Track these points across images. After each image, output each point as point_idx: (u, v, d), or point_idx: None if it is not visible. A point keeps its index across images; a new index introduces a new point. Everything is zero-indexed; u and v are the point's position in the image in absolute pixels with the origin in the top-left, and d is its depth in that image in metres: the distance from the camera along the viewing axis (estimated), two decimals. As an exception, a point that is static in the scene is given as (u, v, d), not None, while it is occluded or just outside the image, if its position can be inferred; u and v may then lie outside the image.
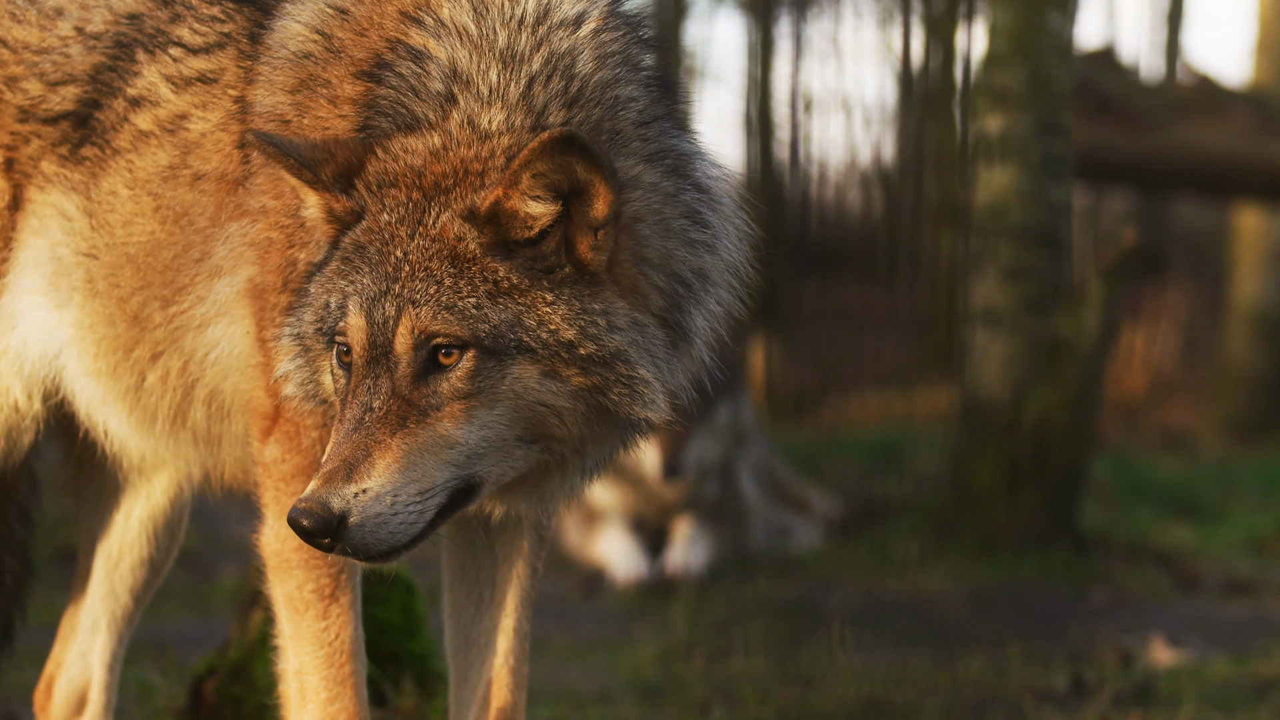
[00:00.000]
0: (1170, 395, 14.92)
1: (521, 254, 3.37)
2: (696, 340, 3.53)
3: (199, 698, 5.09)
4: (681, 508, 8.64)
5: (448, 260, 3.37)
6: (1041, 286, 8.00)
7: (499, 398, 3.35)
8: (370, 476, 3.32)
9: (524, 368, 3.35)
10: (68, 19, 4.04)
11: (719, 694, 6.01)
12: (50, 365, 4.04)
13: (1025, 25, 8.02)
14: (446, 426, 3.35)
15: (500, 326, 3.34)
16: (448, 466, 3.36)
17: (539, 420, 3.38)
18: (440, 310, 3.34)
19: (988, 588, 7.55)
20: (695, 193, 3.56)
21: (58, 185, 3.99)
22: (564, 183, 3.35)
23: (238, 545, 7.86)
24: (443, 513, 3.39)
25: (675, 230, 3.50)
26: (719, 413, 8.60)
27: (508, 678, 3.87)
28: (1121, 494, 9.64)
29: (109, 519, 4.44)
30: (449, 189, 3.40)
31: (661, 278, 3.47)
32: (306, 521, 3.31)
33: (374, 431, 3.34)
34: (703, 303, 3.54)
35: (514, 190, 3.35)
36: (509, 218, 3.37)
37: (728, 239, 3.62)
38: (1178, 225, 18.49)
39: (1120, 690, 5.98)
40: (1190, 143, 11.30)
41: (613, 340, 3.36)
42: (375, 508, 3.32)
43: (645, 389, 3.37)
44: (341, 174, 3.47)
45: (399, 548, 3.36)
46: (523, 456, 3.42)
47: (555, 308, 3.35)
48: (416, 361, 3.36)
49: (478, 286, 3.36)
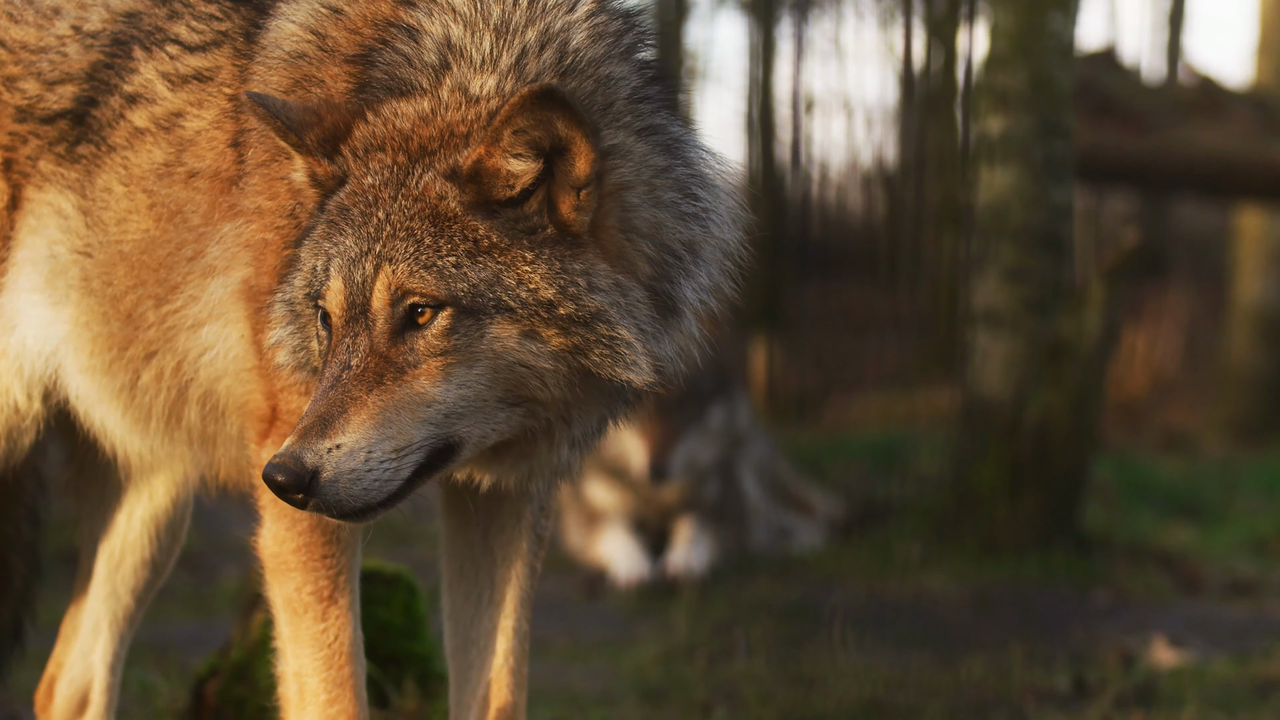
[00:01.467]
0: (1172, 396, 14.92)
1: (504, 213, 3.38)
2: (685, 312, 3.53)
3: (200, 699, 5.09)
4: (682, 509, 8.64)
5: (428, 220, 3.38)
6: (1043, 287, 8.00)
7: (478, 357, 3.36)
8: (345, 433, 3.32)
9: (503, 327, 3.35)
10: (65, 18, 4.04)
11: (721, 695, 6.01)
12: (48, 364, 4.04)
13: (1027, 26, 8.02)
14: (423, 384, 3.35)
15: (479, 285, 3.34)
16: (425, 424, 3.36)
17: (520, 381, 3.38)
18: (417, 268, 3.35)
19: (989, 588, 7.55)
20: (687, 170, 3.56)
21: (55, 184, 3.99)
22: (545, 139, 3.35)
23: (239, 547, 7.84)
24: (421, 472, 3.39)
25: (666, 202, 3.50)
26: (712, 414, 8.61)
27: (508, 678, 3.87)
28: (1123, 495, 9.63)
29: (111, 519, 4.45)
30: (434, 151, 3.42)
31: (650, 246, 3.47)
32: (280, 477, 3.31)
33: (350, 389, 3.35)
34: (692, 275, 3.54)
35: (495, 148, 3.36)
36: (491, 176, 3.37)
37: (719, 218, 3.62)
38: (1179, 226, 18.49)
39: (1122, 691, 5.98)
40: (1192, 144, 11.30)
41: (593, 300, 3.35)
42: (348, 463, 3.32)
43: (626, 350, 3.36)
44: (326, 138, 3.48)
45: (374, 505, 3.36)
46: (505, 419, 3.41)
47: (535, 267, 3.35)
48: (393, 319, 3.37)
49: (457, 245, 3.36)
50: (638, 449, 8.42)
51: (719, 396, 8.63)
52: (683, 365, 3.62)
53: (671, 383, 3.61)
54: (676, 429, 8.45)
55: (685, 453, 8.52)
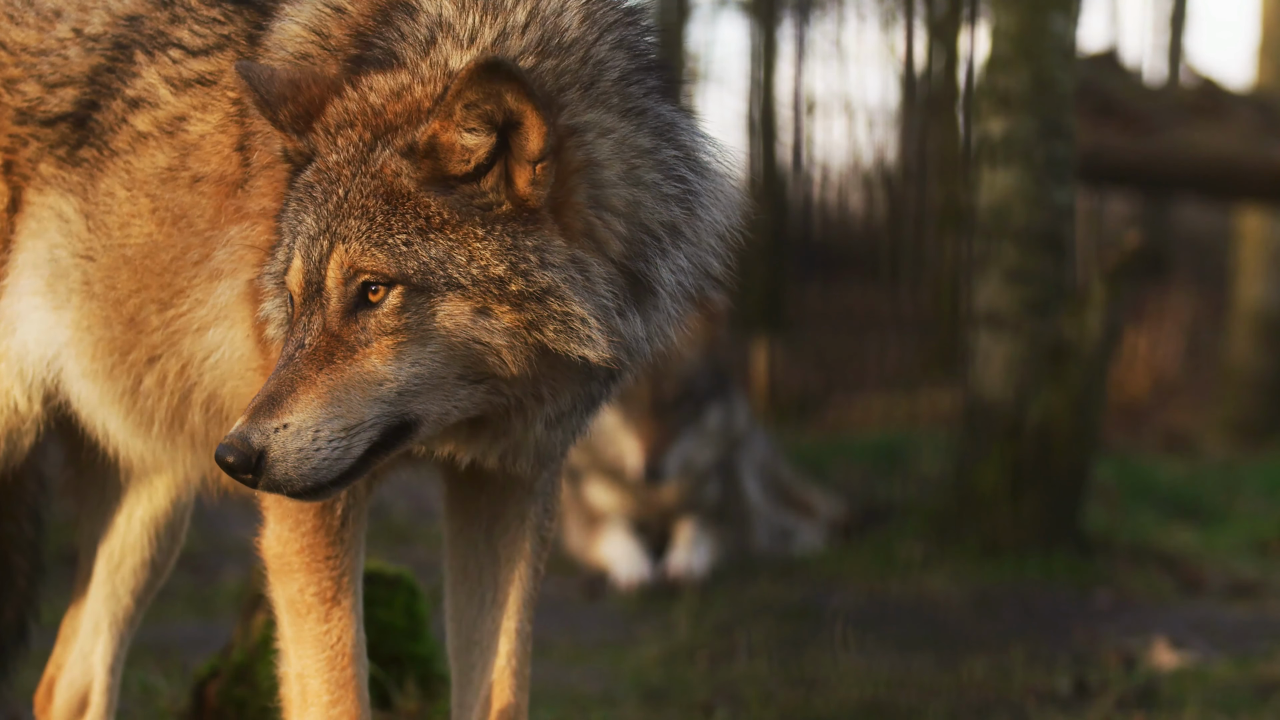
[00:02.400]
0: (1173, 397, 14.91)
1: (459, 189, 3.37)
2: (661, 292, 3.51)
3: (202, 700, 5.09)
4: (683, 510, 8.64)
5: (383, 197, 3.37)
6: (1045, 289, 8.00)
7: (431, 334, 3.35)
8: (293, 412, 3.33)
9: (455, 304, 3.34)
10: (66, 20, 4.04)
11: (722, 696, 6.01)
12: (49, 368, 4.04)
13: (1028, 28, 8.02)
14: (374, 363, 3.35)
15: (430, 263, 3.34)
16: (377, 403, 3.35)
17: (477, 358, 3.37)
18: (369, 247, 3.35)
19: (991, 590, 7.55)
20: (676, 153, 3.55)
21: (56, 187, 3.99)
22: (496, 113, 3.34)
23: (240, 547, 7.86)
24: (376, 449, 3.38)
25: (647, 183, 3.49)
26: (709, 415, 8.61)
27: (510, 679, 3.87)
28: (1125, 496, 9.63)
29: (110, 520, 4.44)
30: (398, 127, 3.42)
31: (624, 225, 3.45)
32: (230, 458, 3.32)
33: (301, 368, 3.35)
34: (670, 256, 3.52)
35: (449, 122, 3.35)
36: (446, 151, 3.37)
37: (711, 200, 3.60)
38: (1181, 228, 18.48)
39: (1123, 692, 5.98)
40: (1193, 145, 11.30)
41: (544, 276, 3.34)
42: (295, 443, 3.32)
43: (581, 325, 3.35)
44: (300, 114, 3.49)
45: (325, 484, 3.36)
46: (468, 396, 3.41)
47: (486, 243, 3.34)
48: (345, 298, 3.37)
49: (409, 223, 3.36)
50: (633, 450, 8.43)
51: (716, 397, 8.64)
52: (660, 345, 3.59)
53: (646, 362, 3.59)
54: (672, 430, 8.46)
55: (681, 454, 8.52)
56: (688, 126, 3.63)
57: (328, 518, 3.74)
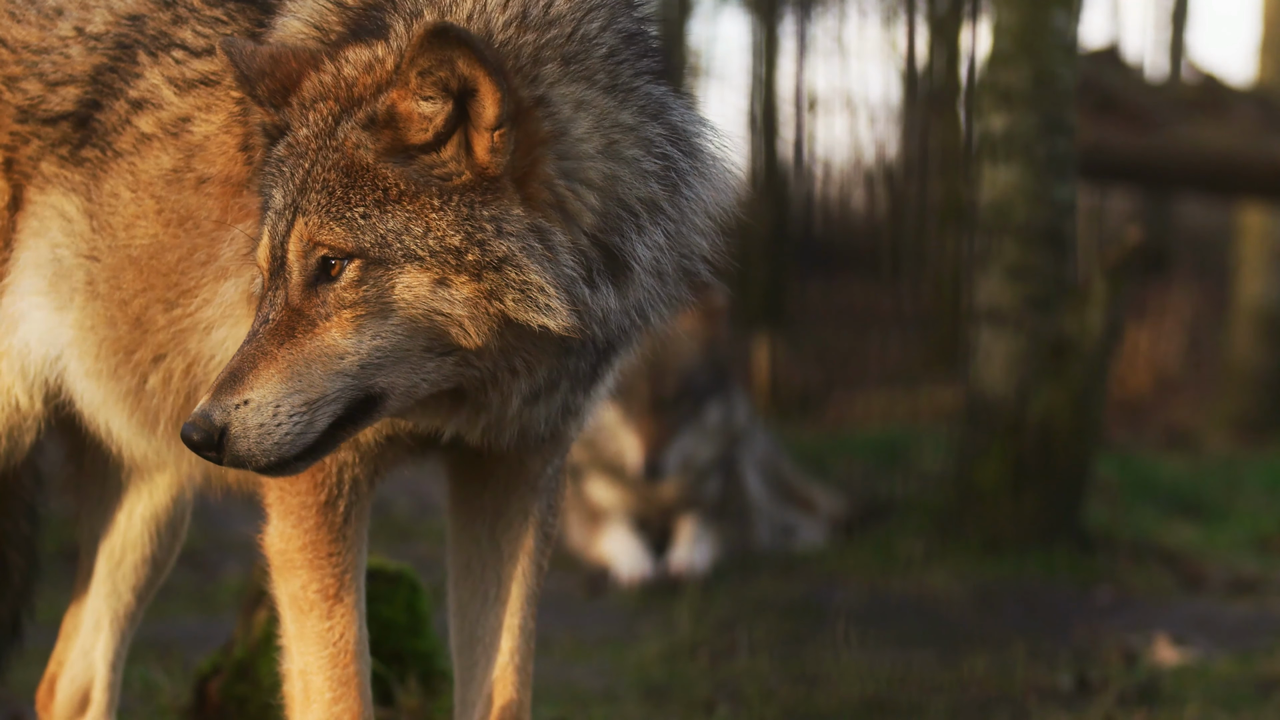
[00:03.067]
0: (1175, 394, 14.91)
1: (419, 160, 3.37)
2: (637, 267, 3.49)
3: (203, 697, 5.10)
4: (684, 507, 8.65)
5: (344, 170, 3.37)
6: (1046, 285, 7.99)
7: (391, 307, 3.35)
8: (254, 388, 3.33)
9: (414, 276, 3.34)
10: (68, 19, 4.03)
11: (724, 693, 6.01)
12: (52, 367, 4.04)
13: (1030, 24, 8.02)
14: (334, 336, 3.35)
15: (386, 236, 3.34)
16: (339, 377, 3.35)
17: (439, 330, 3.36)
18: (327, 220, 3.35)
19: (992, 586, 7.54)
20: (662, 130, 3.54)
21: (58, 186, 3.99)
22: (451, 80, 3.33)
23: (242, 544, 7.86)
24: (342, 424, 3.39)
25: (627, 159, 3.48)
26: (708, 412, 8.61)
27: (513, 676, 3.87)
28: (1126, 492, 9.62)
29: (111, 517, 4.44)
30: (364, 99, 3.42)
31: (598, 198, 3.44)
32: (195, 436, 3.33)
33: (264, 343, 3.36)
34: (647, 232, 3.50)
35: (406, 90, 3.36)
36: (405, 120, 3.37)
37: (695, 180, 3.58)
38: (1182, 224, 18.48)
39: (1124, 689, 5.98)
40: (1195, 141, 11.30)
41: (501, 245, 3.33)
42: (256, 418, 3.32)
43: (539, 294, 3.34)
44: (278, 89, 3.49)
45: (289, 459, 3.36)
46: (436, 369, 3.40)
47: (442, 214, 3.34)
48: (306, 272, 3.37)
49: (366, 196, 3.36)
50: (633, 447, 8.43)
51: (716, 394, 8.64)
52: (650, 322, 3.57)
53: (626, 336, 3.57)
54: (672, 427, 8.46)
55: (680, 450, 8.52)
56: (680, 107, 3.62)
57: (330, 515, 3.74)
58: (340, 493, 3.74)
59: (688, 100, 3.67)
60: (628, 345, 3.65)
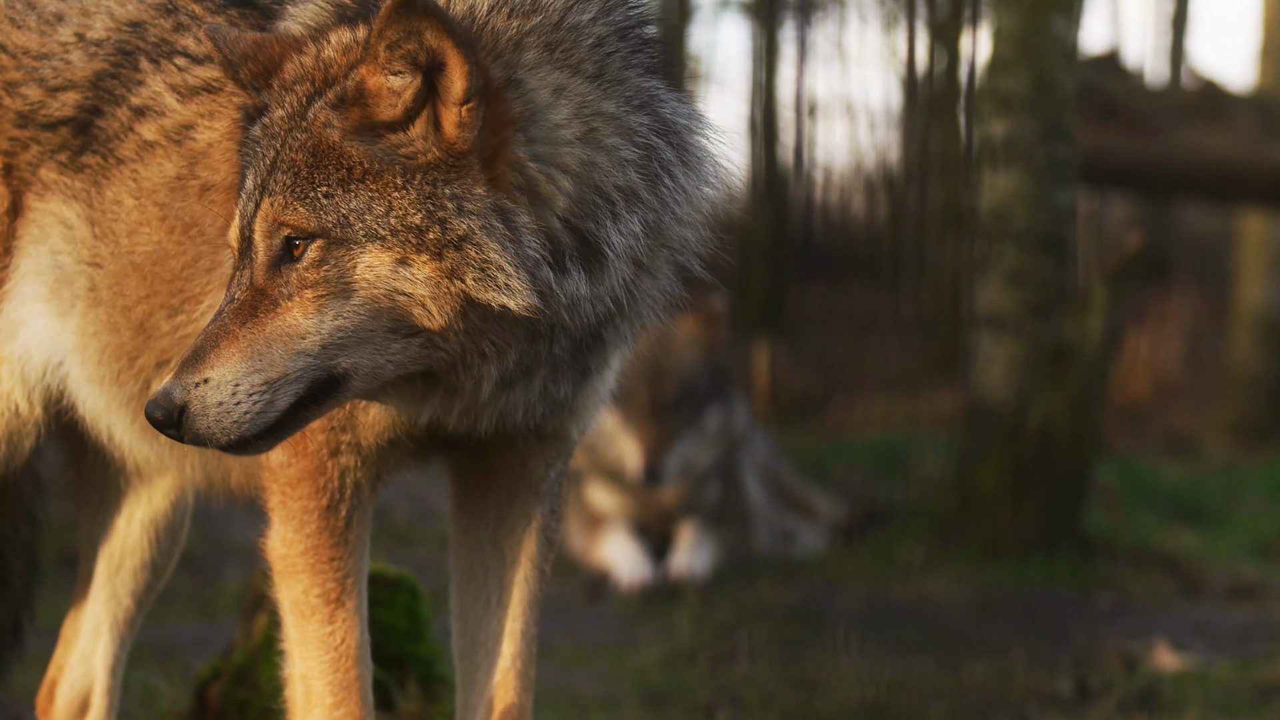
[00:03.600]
0: (1175, 399, 14.91)
1: (386, 139, 3.36)
2: (610, 254, 3.47)
3: (203, 702, 5.10)
4: (684, 512, 8.65)
5: (310, 150, 3.37)
6: (1046, 291, 8.00)
7: (353, 287, 3.35)
8: (214, 366, 3.34)
9: (375, 255, 3.34)
10: (68, 25, 4.03)
11: (723, 698, 6.01)
12: (53, 373, 4.04)
13: (1030, 30, 8.02)
14: (296, 316, 3.35)
15: (348, 215, 3.33)
16: (300, 356, 3.35)
17: (402, 310, 3.35)
18: (291, 200, 3.36)
19: (992, 592, 7.55)
20: (648, 121, 3.52)
21: (58, 193, 3.99)
22: (420, 53, 3.33)
23: (242, 549, 7.87)
24: (304, 404, 3.38)
25: (605, 146, 3.47)
26: (708, 417, 8.61)
27: (515, 680, 3.87)
28: (1126, 498, 9.63)
29: (110, 522, 4.44)
30: (338, 79, 3.42)
31: (573, 183, 3.43)
32: (157, 414, 3.34)
33: (227, 322, 3.36)
34: (623, 220, 3.48)
35: (374, 65, 3.35)
36: (374, 96, 3.36)
37: (680, 172, 3.56)
38: (1182, 230, 18.49)
39: (1124, 695, 5.98)
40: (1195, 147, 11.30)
41: (461, 224, 3.33)
42: (215, 396, 3.33)
43: (499, 273, 3.32)
44: (260, 72, 3.50)
45: (249, 438, 3.36)
46: (402, 351, 3.39)
47: (404, 193, 3.33)
48: (270, 252, 3.37)
49: (330, 175, 3.35)
50: (633, 452, 8.44)
51: (716, 399, 8.64)
52: (610, 307, 3.52)
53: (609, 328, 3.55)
54: (672, 432, 8.46)
55: (681, 455, 8.53)
56: (673, 101, 3.61)
57: (332, 519, 3.74)
58: (342, 497, 3.74)
59: (683, 95, 3.66)
60: (617, 337, 3.62)
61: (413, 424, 3.68)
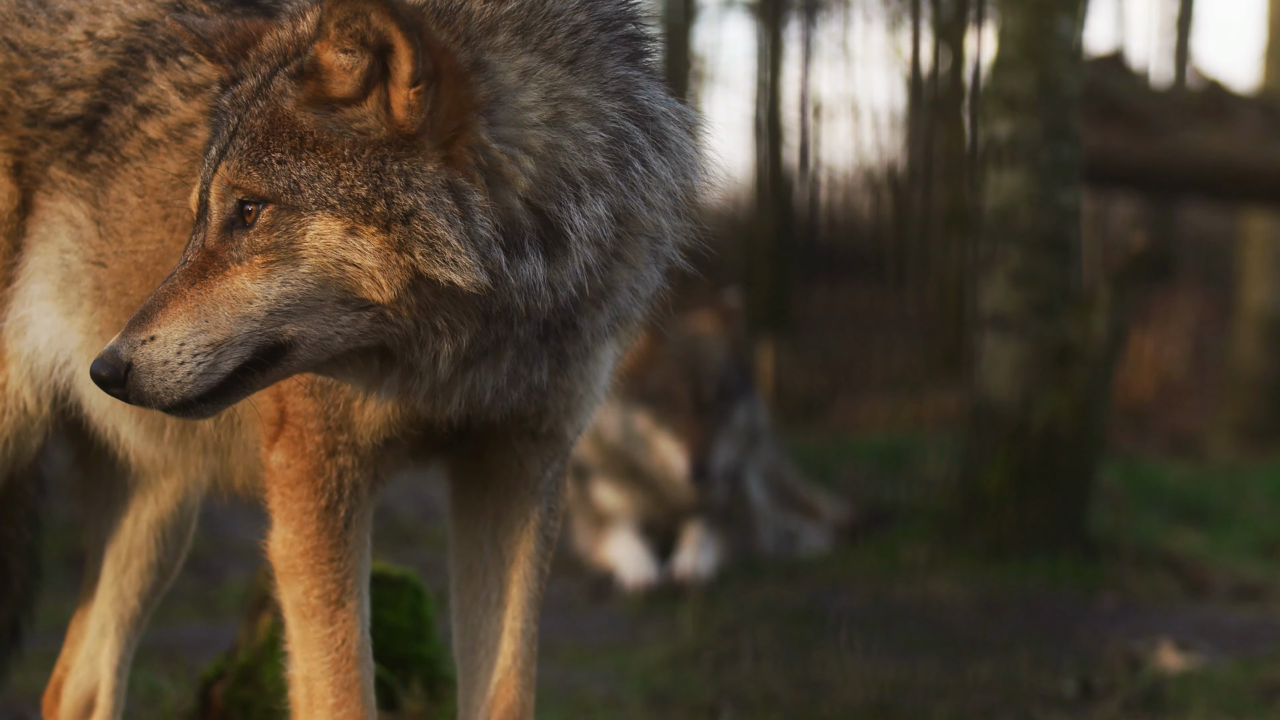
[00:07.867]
0: (1179, 400, 14.91)
1: (340, 112, 3.38)
2: (573, 236, 3.46)
3: (207, 701, 5.10)
4: (691, 511, 8.64)
5: (268, 117, 3.39)
6: (1050, 291, 8.00)
7: (303, 254, 3.35)
8: (160, 325, 3.35)
9: (326, 224, 3.34)
10: (78, 23, 4.04)
11: (727, 698, 6.01)
12: (61, 371, 4.05)
13: (1034, 30, 8.02)
14: (244, 280, 3.36)
15: (299, 182, 3.35)
16: (246, 320, 3.35)
17: (352, 281, 3.36)
18: (245, 165, 3.37)
19: (996, 592, 7.55)
20: (621, 106, 3.52)
21: (66, 192, 4.00)
22: (367, 33, 3.35)
23: (246, 549, 7.87)
24: (249, 369, 3.38)
25: (573, 130, 3.47)
26: (737, 413, 8.58)
27: (516, 679, 3.88)
28: (1130, 499, 9.62)
29: (117, 523, 4.45)
30: (303, 52, 3.44)
31: (536, 165, 3.43)
32: (103, 372, 3.35)
33: (177, 283, 3.38)
34: (587, 203, 3.48)
35: (326, 42, 3.37)
36: (326, 72, 3.38)
37: (652, 157, 3.55)
38: (1187, 230, 18.48)
39: (1129, 695, 5.98)
40: (1199, 148, 11.30)
41: (407, 199, 3.33)
42: (159, 354, 3.33)
43: (445, 249, 3.33)
44: (237, 46, 3.52)
45: (192, 399, 3.36)
46: (352, 323, 3.39)
47: (352, 165, 3.34)
48: (223, 215, 3.39)
49: (284, 142, 3.37)
50: (675, 451, 8.36)
51: (743, 395, 8.61)
52: (572, 291, 3.50)
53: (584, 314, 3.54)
54: (713, 429, 8.41)
55: (724, 453, 8.49)
56: (654, 89, 3.61)
57: (331, 520, 3.75)
58: (341, 498, 3.74)
59: (659, 79, 3.65)
60: (594, 327, 3.61)
61: (409, 423, 3.69)
